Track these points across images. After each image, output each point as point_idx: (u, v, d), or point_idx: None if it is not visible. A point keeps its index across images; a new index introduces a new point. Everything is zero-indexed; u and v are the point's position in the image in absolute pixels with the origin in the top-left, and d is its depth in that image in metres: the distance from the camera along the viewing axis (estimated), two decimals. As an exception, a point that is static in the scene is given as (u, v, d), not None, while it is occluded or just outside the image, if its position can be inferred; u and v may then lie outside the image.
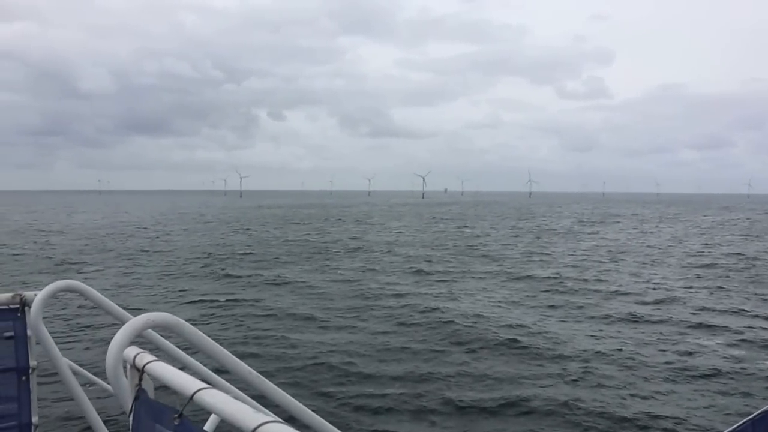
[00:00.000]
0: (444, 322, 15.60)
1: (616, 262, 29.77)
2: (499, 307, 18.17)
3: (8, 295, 3.33)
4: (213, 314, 16.87)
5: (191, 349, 2.26)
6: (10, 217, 75.25)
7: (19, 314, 3.35)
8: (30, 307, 3.22)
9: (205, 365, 2.80)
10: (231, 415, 1.54)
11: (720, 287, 22.07)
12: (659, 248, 37.28)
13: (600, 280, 23.42)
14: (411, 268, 26.78)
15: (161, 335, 2.91)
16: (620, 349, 13.23)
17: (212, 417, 1.81)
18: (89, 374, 3.77)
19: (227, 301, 18.73)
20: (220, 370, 2.52)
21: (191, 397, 1.68)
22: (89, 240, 41.00)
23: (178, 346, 2.91)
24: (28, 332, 3.35)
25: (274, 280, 22.99)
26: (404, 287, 21.33)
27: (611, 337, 14.50)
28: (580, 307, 18.02)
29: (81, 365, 3.67)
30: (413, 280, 23.38)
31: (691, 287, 22.12)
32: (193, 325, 1.97)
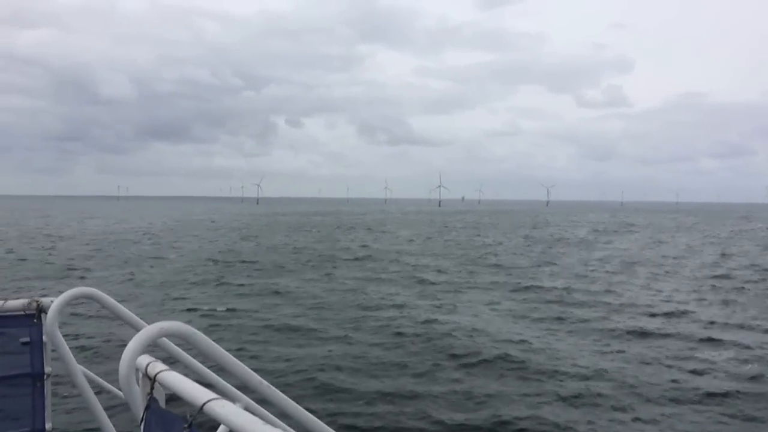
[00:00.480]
0: (441, 334, 15.09)
1: (627, 273, 29.04)
2: (501, 320, 17.62)
3: (25, 301, 3.33)
4: (209, 324, 16.45)
5: (203, 358, 2.24)
6: (24, 222, 75.69)
7: (35, 320, 3.35)
8: (46, 313, 3.24)
9: (217, 375, 2.76)
10: (240, 427, 1.54)
11: (734, 300, 21.34)
12: (673, 259, 36.47)
13: (609, 292, 22.77)
14: (416, 277, 26.28)
15: (174, 344, 2.89)
16: (623, 367, 12.65)
17: (221, 428, 1.70)
18: (103, 381, 3.74)
19: (227, 310, 18.33)
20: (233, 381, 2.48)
21: (201, 408, 1.68)
22: (95, 246, 40.92)
23: (191, 355, 2.88)
24: (44, 338, 3.36)
25: (275, 289, 22.57)
26: (406, 298, 20.84)
27: (615, 352, 13.89)
28: (585, 321, 17.42)
29: (95, 372, 3.64)
30: (417, 290, 22.86)
31: (703, 300, 21.41)
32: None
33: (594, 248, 44.13)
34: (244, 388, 2.24)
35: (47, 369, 3.42)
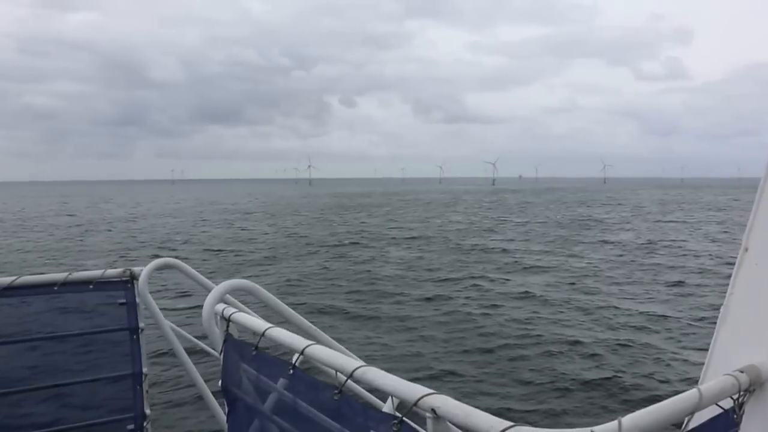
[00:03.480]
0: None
1: (634, 263, 25.02)
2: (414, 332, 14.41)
3: (120, 270, 4.03)
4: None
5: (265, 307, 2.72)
6: (40, 209, 76.34)
7: (129, 285, 4.04)
8: (137, 279, 3.92)
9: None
10: (289, 344, 2.03)
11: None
12: (706, 241, 32.34)
13: (603, 285, 19.19)
14: (373, 271, 22.97)
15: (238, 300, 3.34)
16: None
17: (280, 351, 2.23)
18: (186, 333, 4.21)
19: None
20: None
21: (263, 334, 2.18)
22: (70, 235, 39.98)
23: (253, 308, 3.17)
24: (137, 299, 4.04)
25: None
26: (337, 302, 17.78)
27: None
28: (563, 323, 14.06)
29: (178, 326, 4.10)
30: (369, 288, 19.58)
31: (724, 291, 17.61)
32: None
33: (620, 229, 40.19)
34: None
35: (141, 324, 4.10)
